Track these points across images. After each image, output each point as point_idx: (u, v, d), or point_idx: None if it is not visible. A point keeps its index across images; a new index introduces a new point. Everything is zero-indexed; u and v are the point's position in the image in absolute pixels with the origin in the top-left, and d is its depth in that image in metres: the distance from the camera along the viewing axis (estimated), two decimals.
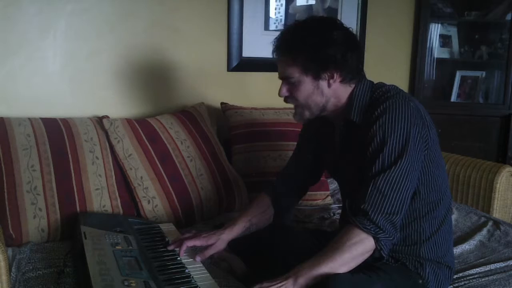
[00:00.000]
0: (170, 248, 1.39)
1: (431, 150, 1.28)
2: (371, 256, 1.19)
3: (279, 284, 1.11)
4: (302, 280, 1.12)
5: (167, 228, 1.60)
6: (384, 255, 1.19)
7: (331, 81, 1.30)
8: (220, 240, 1.40)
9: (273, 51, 1.34)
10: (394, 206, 1.17)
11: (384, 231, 1.16)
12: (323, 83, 1.30)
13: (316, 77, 1.29)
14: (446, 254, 1.34)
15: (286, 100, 1.37)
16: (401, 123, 1.20)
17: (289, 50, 1.30)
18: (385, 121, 1.21)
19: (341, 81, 1.30)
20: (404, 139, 1.20)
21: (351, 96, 1.32)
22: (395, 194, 1.17)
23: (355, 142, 1.31)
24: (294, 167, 1.58)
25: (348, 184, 1.42)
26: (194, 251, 1.38)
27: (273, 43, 1.34)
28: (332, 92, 1.31)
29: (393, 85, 1.34)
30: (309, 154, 1.55)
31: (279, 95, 1.36)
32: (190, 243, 1.37)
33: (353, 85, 1.33)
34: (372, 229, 1.16)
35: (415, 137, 1.21)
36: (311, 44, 1.27)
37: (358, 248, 1.16)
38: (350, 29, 1.33)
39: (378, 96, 1.29)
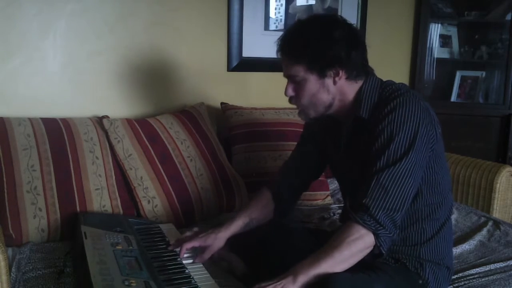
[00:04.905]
0: (170, 249, 1.40)
1: (436, 151, 1.28)
2: (371, 253, 1.19)
3: (279, 283, 1.11)
4: (302, 278, 1.12)
5: (167, 228, 1.60)
6: (383, 252, 1.19)
7: (336, 78, 1.29)
8: (218, 240, 1.40)
9: (277, 51, 1.34)
10: (395, 203, 1.17)
11: (384, 227, 1.16)
12: (329, 81, 1.29)
13: (321, 75, 1.28)
14: (446, 256, 1.34)
15: (291, 100, 1.36)
16: (410, 120, 1.20)
17: (292, 50, 1.30)
18: (394, 118, 1.21)
19: (346, 78, 1.30)
20: (412, 136, 1.20)
21: (359, 93, 1.32)
22: (397, 191, 1.17)
23: (361, 139, 1.30)
24: (298, 161, 1.57)
25: (350, 182, 1.41)
26: (194, 251, 1.39)
27: (277, 42, 1.34)
28: (338, 89, 1.31)
29: (402, 83, 1.33)
30: (314, 148, 1.54)
31: (285, 94, 1.35)
32: (189, 245, 1.38)
33: (360, 82, 1.32)
34: (372, 225, 1.16)
35: (423, 135, 1.21)
36: (313, 44, 1.27)
37: (358, 245, 1.16)
38: (354, 25, 1.32)
39: (388, 93, 1.28)
